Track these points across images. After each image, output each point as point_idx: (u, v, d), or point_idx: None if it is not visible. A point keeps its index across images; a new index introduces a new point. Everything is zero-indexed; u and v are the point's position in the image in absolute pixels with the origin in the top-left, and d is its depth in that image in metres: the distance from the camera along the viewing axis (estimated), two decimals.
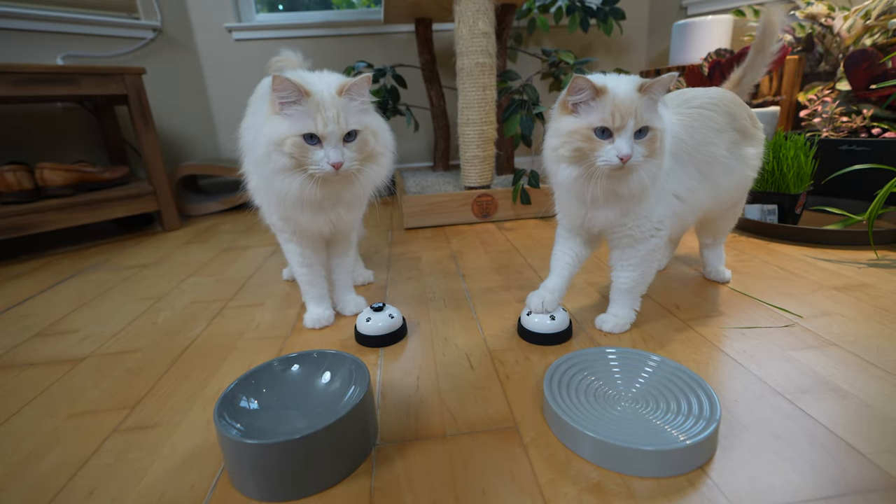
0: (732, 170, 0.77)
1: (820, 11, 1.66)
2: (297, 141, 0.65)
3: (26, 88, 1.32)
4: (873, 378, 0.61)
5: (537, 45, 2.35)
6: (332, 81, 0.68)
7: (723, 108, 0.76)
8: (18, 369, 0.78)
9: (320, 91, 0.65)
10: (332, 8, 2.29)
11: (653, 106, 0.62)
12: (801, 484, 0.46)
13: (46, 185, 1.46)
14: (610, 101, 0.61)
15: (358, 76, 0.67)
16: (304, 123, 0.64)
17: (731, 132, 0.76)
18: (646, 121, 0.61)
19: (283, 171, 0.67)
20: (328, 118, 0.64)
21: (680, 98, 0.76)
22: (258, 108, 0.76)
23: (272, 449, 0.46)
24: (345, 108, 0.66)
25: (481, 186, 1.54)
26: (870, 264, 0.98)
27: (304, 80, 0.66)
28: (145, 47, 1.95)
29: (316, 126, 0.64)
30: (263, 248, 1.40)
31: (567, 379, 0.61)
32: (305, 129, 0.64)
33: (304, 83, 0.64)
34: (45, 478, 0.53)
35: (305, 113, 0.64)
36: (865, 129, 1.42)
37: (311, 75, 0.70)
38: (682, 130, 0.72)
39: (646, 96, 0.61)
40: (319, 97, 0.64)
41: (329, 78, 0.69)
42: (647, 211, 0.70)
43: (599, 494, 0.46)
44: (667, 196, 0.72)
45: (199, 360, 0.77)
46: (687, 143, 0.72)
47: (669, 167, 0.70)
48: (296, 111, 0.64)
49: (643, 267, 0.75)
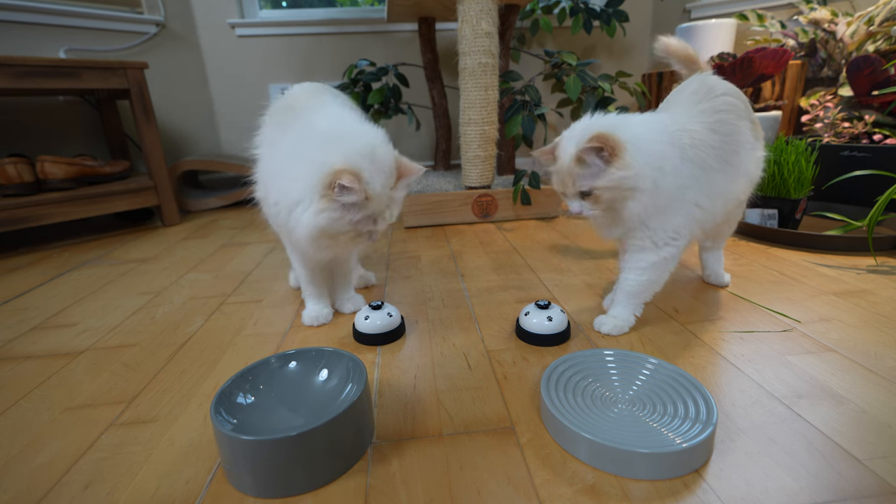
0: (751, 156, 0.77)
1: (823, 17, 1.66)
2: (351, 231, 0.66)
3: (28, 81, 1.32)
4: (871, 384, 0.61)
5: (540, 46, 2.35)
6: (387, 167, 0.67)
7: (740, 96, 0.77)
8: (16, 362, 0.78)
9: (379, 196, 0.65)
10: (335, 6, 2.29)
11: (594, 170, 0.67)
12: (796, 489, 0.46)
13: (47, 178, 1.46)
14: (556, 169, 0.71)
15: (404, 163, 0.68)
16: (364, 218, 0.66)
17: (748, 120, 0.77)
18: (582, 186, 0.68)
19: (320, 243, 0.68)
20: (385, 217, 0.68)
21: (704, 87, 0.75)
22: (280, 135, 0.73)
23: (268, 445, 0.46)
24: (394, 201, 0.68)
25: (482, 186, 1.54)
26: (869, 270, 0.98)
27: (366, 180, 0.63)
28: (148, 42, 1.95)
29: (376, 223, 0.67)
30: (263, 244, 1.40)
31: (564, 380, 0.61)
32: (365, 226, 0.67)
33: (367, 186, 0.63)
34: (40, 471, 0.53)
35: (364, 209, 0.65)
36: (867, 136, 1.42)
37: (365, 161, 0.65)
38: (707, 134, 0.71)
39: (583, 165, 0.67)
40: (378, 201, 0.65)
41: (381, 168, 0.66)
42: (663, 222, 0.71)
43: (595, 496, 0.46)
44: (686, 206, 0.71)
45: (197, 356, 0.77)
46: (715, 144, 0.71)
47: (691, 177, 0.69)
48: (352, 205, 0.64)
49: (652, 273, 0.75)
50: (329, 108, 0.74)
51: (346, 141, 0.65)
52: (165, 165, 1.64)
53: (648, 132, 0.68)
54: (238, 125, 2.27)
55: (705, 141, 0.70)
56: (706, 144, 0.70)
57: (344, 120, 0.70)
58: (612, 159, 0.65)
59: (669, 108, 0.77)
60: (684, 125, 0.71)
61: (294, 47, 2.19)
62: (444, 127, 2.06)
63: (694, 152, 0.69)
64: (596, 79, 1.51)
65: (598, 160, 0.66)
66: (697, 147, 0.70)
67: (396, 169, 0.67)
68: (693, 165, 0.69)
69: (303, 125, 0.70)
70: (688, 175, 0.69)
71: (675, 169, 0.68)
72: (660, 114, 0.76)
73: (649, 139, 0.68)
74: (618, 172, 0.65)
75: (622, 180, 0.66)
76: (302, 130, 0.69)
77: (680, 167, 0.68)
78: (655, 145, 0.68)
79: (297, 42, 2.19)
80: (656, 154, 0.67)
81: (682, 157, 0.69)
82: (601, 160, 0.66)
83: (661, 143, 0.68)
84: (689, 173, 0.69)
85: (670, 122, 0.71)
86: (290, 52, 2.19)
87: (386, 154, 0.66)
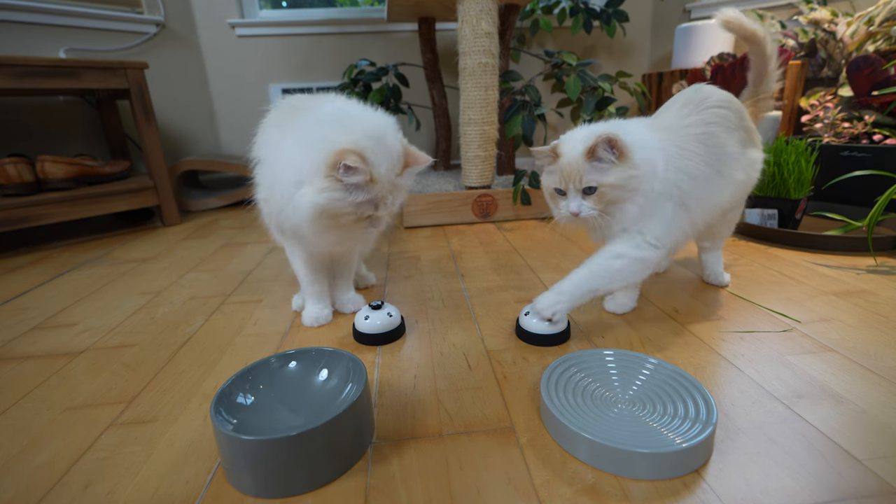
0: (741, 166, 0.78)
1: (823, 17, 1.66)
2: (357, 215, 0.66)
3: (28, 81, 1.32)
4: (870, 384, 0.61)
5: (540, 46, 2.35)
6: (395, 154, 0.66)
7: (734, 106, 0.77)
8: (16, 362, 0.78)
9: (383, 181, 0.64)
10: (335, 6, 2.29)
11: (603, 166, 0.68)
12: (796, 489, 0.46)
13: (47, 178, 1.46)
14: (559, 167, 0.70)
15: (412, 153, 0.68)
16: (366, 201, 0.65)
17: (740, 131, 0.77)
18: (589, 181, 0.68)
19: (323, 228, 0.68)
20: (387, 203, 0.67)
21: (697, 97, 0.77)
22: (281, 136, 0.71)
23: (268, 445, 0.46)
24: (398, 189, 0.67)
25: (482, 186, 1.54)
26: (869, 270, 0.98)
27: (372, 162, 0.63)
28: (148, 42, 1.95)
29: (377, 209, 0.66)
30: (263, 244, 1.40)
31: (564, 380, 0.61)
32: (367, 210, 0.66)
33: (372, 168, 0.62)
34: (40, 471, 0.53)
35: (367, 192, 0.64)
36: (867, 136, 1.42)
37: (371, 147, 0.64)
38: (696, 145, 0.73)
39: (593, 160, 0.67)
40: (381, 185, 0.64)
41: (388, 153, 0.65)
42: (651, 227, 0.72)
43: (595, 496, 0.46)
44: (669, 212, 0.72)
45: (197, 356, 0.77)
46: (701, 153, 0.73)
47: (675, 184, 0.71)
48: (358, 188, 0.64)
49: (620, 264, 0.72)
50: (337, 99, 0.73)
51: (355, 122, 0.65)
52: (165, 165, 1.64)
53: (643, 139, 0.71)
54: (238, 125, 2.27)
55: (692, 150, 0.72)
56: (693, 153, 0.72)
57: (353, 106, 0.71)
58: (621, 158, 0.67)
59: (662, 116, 0.79)
60: (672, 135, 0.73)
61: (294, 47, 2.19)
62: (444, 127, 2.06)
63: (681, 161, 0.72)
64: (596, 79, 1.51)
65: (611, 156, 0.67)
66: (684, 156, 0.72)
67: (404, 156, 0.66)
68: (679, 173, 0.71)
69: (310, 115, 0.69)
70: (672, 182, 0.71)
71: (662, 175, 0.71)
72: (651, 121, 0.77)
73: (644, 146, 0.70)
74: (628, 171, 0.67)
75: (629, 179, 0.68)
76: (309, 119, 0.68)
77: (665, 174, 0.71)
78: (648, 152, 0.70)
79: (297, 42, 2.19)
80: (650, 160, 0.70)
81: (667, 166, 0.71)
82: (612, 157, 0.68)
83: (652, 150, 0.71)
84: (675, 181, 0.71)
85: (660, 130, 0.73)
86: (290, 52, 2.19)
87: (394, 139, 0.66)
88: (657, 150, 0.71)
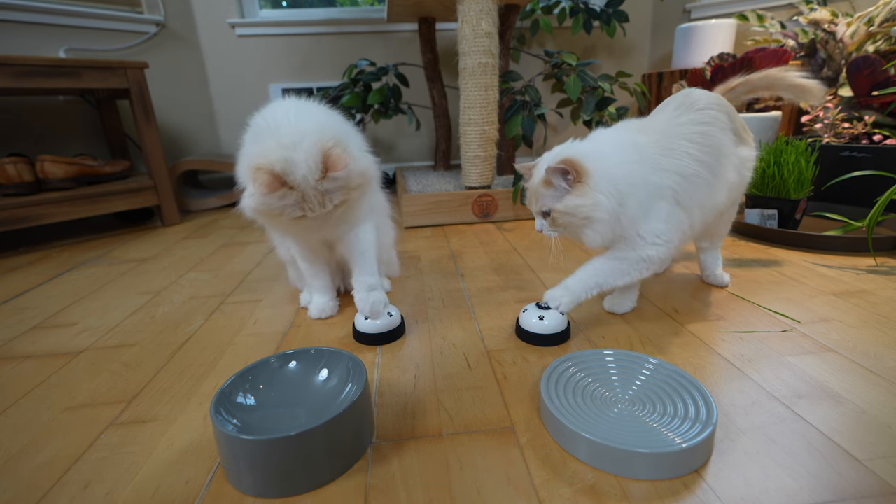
0: (734, 166, 0.78)
1: (823, 17, 1.66)
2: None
3: (28, 81, 1.32)
4: (870, 384, 0.61)
5: (540, 46, 2.35)
6: (311, 160, 0.65)
7: (724, 107, 0.78)
8: (16, 361, 0.78)
9: (301, 186, 0.65)
10: (335, 5, 2.29)
11: (557, 193, 0.69)
12: (796, 489, 0.46)
13: (47, 178, 1.46)
14: (529, 186, 0.75)
15: (333, 157, 0.66)
16: (294, 210, 0.68)
17: (731, 132, 0.78)
18: (544, 206, 0.71)
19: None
20: (314, 206, 0.68)
21: (687, 100, 0.77)
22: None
23: (268, 445, 0.46)
24: (328, 192, 0.67)
25: (482, 186, 1.54)
26: (869, 271, 0.98)
27: (284, 170, 0.64)
28: (148, 42, 1.95)
29: (304, 210, 0.68)
30: (262, 243, 1.40)
31: (564, 380, 0.61)
32: (293, 212, 0.68)
33: (286, 178, 0.64)
34: (40, 470, 0.53)
35: (287, 197, 0.66)
36: (867, 136, 1.42)
37: (291, 156, 0.65)
38: (688, 145, 0.72)
39: (549, 187, 0.69)
40: (300, 190, 0.66)
41: (304, 161, 0.65)
42: (646, 229, 0.72)
43: (595, 496, 0.46)
44: (663, 211, 0.72)
45: (197, 356, 0.77)
46: (694, 153, 0.72)
47: (668, 186, 0.71)
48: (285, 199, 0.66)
49: (623, 264, 0.75)
50: (282, 105, 0.73)
51: (274, 134, 0.68)
52: (165, 165, 1.64)
53: (620, 154, 0.71)
54: (238, 125, 2.27)
55: (684, 150, 0.72)
56: (685, 153, 0.72)
57: (289, 111, 0.71)
58: (574, 185, 0.68)
59: (653, 119, 0.78)
60: (663, 137, 0.73)
61: (294, 47, 2.19)
62: (444, 127, 2.06)
63: (670, 161, 0.71)
64: (596, 79, 1.51)
65: (563, 184, 0.69)
66: (673, 156, 0.72)
67: (323, 162, 0.66)
68: (670, 173, 0.71)
69: (259, 121, 0.74)
70: (661, 183, 0.71)
71: (644, 181, 0.70)
72: (640, 124, 0.77)
73: (619, 161, 0.70)
74: (575, 200, 0.68)
75: (576, 209, 0.68)
76: (256, 126, 0.74)
77: (650, 177, 0.70)
78: (626, 167, 0.70)
79: (297, 42, 2.19)
80: (626, 176, 0.69)
81: (654, 168, 0.70)
82: (566, 184, 0.68)
83: (631, 163, 0.70)
84: (664, 182, 0.71)
85: (650, 132, 0.74)
86: (290, 52, 2.19)
87: (312, 146, 0.66)
88: (634, 162, 0.70)
